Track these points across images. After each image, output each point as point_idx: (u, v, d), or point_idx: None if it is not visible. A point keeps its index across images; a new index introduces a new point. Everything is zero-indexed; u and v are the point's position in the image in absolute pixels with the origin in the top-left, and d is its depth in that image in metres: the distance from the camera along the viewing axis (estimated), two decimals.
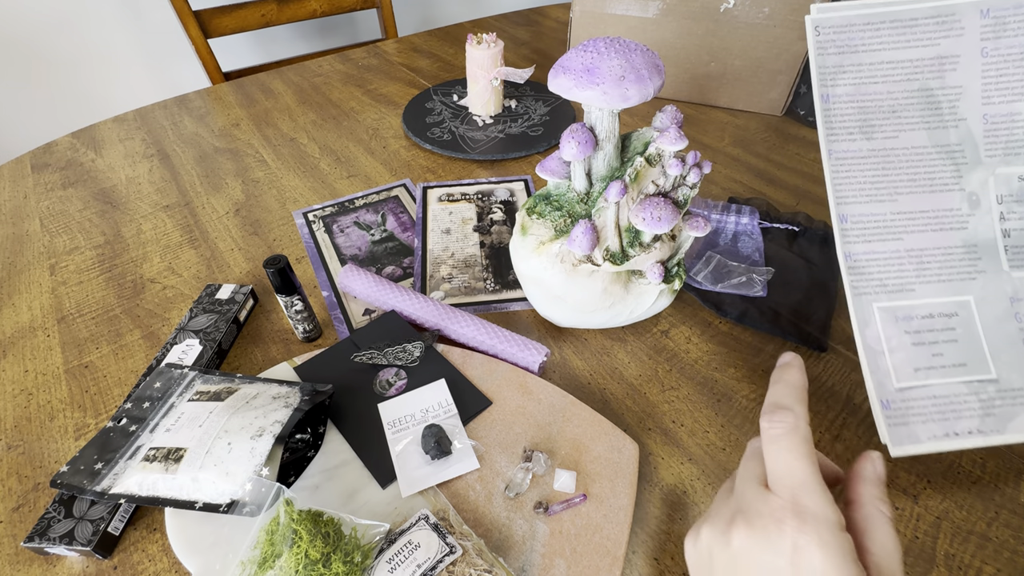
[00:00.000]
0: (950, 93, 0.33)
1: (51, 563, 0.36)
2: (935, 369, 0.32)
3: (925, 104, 0.33)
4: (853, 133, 0.33)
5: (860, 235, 0.33)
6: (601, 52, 0.38)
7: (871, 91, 0.33)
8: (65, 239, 0.62)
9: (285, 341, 0.49)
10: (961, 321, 0.33)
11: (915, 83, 0.33)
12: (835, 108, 0.32)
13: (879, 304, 0.33)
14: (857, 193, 0.33)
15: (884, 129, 0.33)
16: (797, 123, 0.81)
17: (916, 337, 0.33)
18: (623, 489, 0.37)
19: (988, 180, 0.33)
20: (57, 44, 1.21)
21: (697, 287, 0.53)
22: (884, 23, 0.32)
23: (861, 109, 0.32)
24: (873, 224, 0.33)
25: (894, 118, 0.33)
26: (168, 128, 0.83)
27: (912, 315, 0.33)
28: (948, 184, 0.33)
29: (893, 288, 0.33)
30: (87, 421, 0.44)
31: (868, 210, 0.33)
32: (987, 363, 0.33)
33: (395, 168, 0.72)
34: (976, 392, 0.32)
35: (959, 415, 0.32)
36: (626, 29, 0.83)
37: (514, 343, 0.46)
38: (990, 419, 0.32)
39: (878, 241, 0.33)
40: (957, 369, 0.32)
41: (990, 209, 0.34)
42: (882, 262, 0.33)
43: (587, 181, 0.42)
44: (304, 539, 0.30)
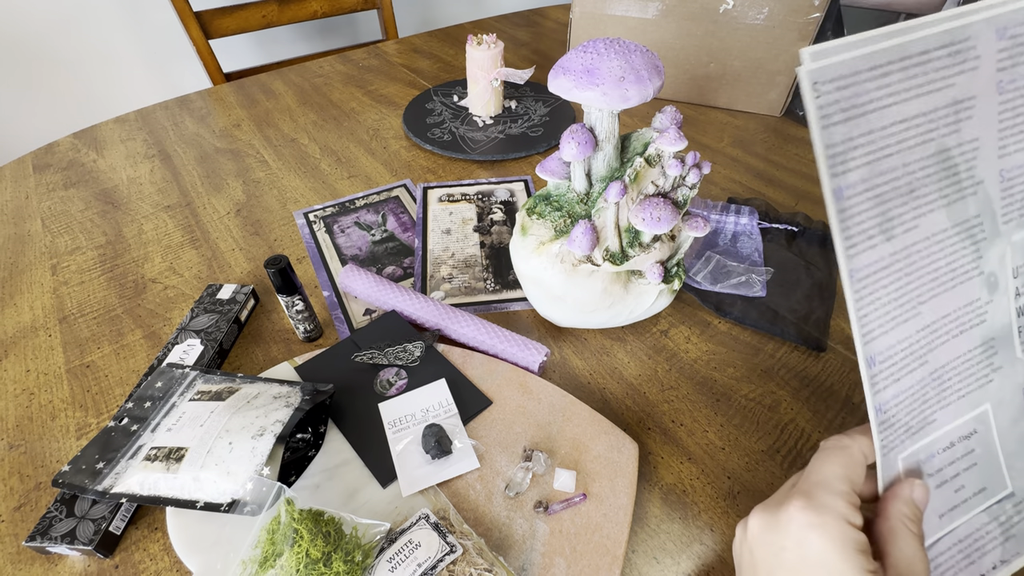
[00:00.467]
0: (967, 151, 0.29)
1: (53, 562, 0.36)
2: (958, 508, 0.29)
3: (943, 172, 0.28)
4: (873, 236, 0.27)
5: (890, 375, 0.28)
6: (601, 53, 0.38)
7: (886, 168, 0.27)
8: (67, 239, 0.62)
9: (286, 341, 0.50)
10: (979, 439, 0.30)
11: (931, 145, 0.28)
12: (851, 205, 0.26)
13: (904, 455, 0.28)
14: (883, 320, 0.27)
15: (904, 219, 0.28)
16: (796, 124, 0.81)
17: (938, 478, 0.29)
18: (623, 488, 0.37)
19: (1005, 253, 0.30)
20: (58, 45, 1.21)
21: (696, 287, 0.53)
22: (892, 64, 0.27)
23: (878, 199, 0.27)
24: (900, 356, 0.28)
25: (912, 201, 0.28)
26: (169, 128, 0.83)
27: (933, 452, 0.29)
28: (968, 271, 0.29)
29: (916, 428, 0.29)
30: (88, 421, 0.44)
31: (895, 339, 0.28)
32: (1004, 477, 0.30)
33: (395, 168, 0.72)
34: (996, 517, 0.30)
35: (983, 552, 0.29)
36: (626, 30, 0.83)
37: (514, 343, 0.46)
38: (1011, 543, 0.29)
39: (906, 375, 0.28)
40: (978, 497, 0.29)
41: (1007, 288, 0.30)
42: (908, 402, 0.28)
43: (587, 182, 0.42)
44: (305, 538, 0.30)
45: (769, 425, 0.43)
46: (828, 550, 0.24)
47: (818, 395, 0.45)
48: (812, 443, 0.41)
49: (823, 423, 0.43)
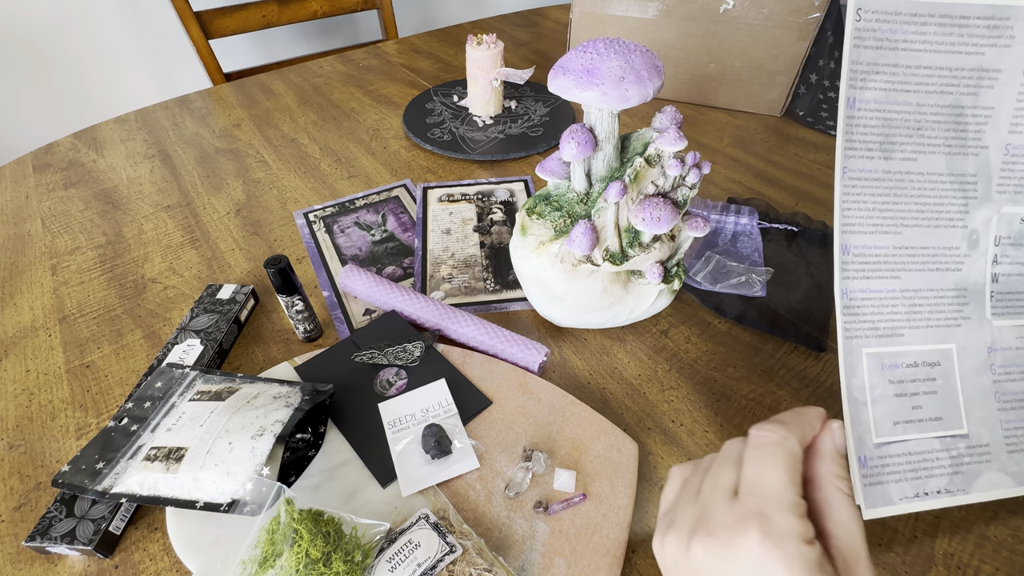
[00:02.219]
0: (980, 115, 0.31)
1: (52, 562, 0.36)
2: (913, 423, 0.31)
3: (952, 124, 0.31)
4: (872, 150, 0.30)
5: (860, 270, 0.31)
6: (601, 53, 0.38)
7: (900, 101, 0.30)
8: (66, 239, 0.62)
9: (286, 341, 0.50)
10: (942, 371, 0.32)
11: (948, 97, 0.30)
12: (859, 116, 0.30)
13: (868, 350, 0.31)
14: (864, 221, 0.31)
15: (904, 149, 0.31)
16: (796, 124, 0.81)
17: (899, 387, 0.31)
18: (623, 488, 0.37)
19: (992, 219, 0.32)
20: (59, 45, 1.21)
21: (696, 287, 0.53)
22: (933, 17, 0.29)
23: (886, 122, 0.30)
24: (874, 258, 0.31)
25: (917, 136, 0.31)
26: (169, 129, 0.83)
27: (898, 363, 0.31)
28: (953, 220, 0.32)
29: (884, 332, 0.31)
30: (88, 421, 0.44)
31: (872, 242, 0.31)
32: (960, 417, 0.32)
33: (395, 168, 0.72)
34: (948, 448, 0.31)
35: (930, 473, 0.31)
36: (626, 30, 0.83)
37: (514, 343, 0.46)
38: (957, 477, 0.31)
39: (876, 278, 0.31)
40: (933, 423, 0.31)
41: (986, 250, 0.32)
42: (876, 303, 0.31)
43: (587, 182, 0.42)
44: (305, 538, 0.30)
45: None
46: None
47: (818, 395, 0.45)
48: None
49: None
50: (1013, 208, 0.32)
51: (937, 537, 0.36)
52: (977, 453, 0.32)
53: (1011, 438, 0.32)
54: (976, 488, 0.31)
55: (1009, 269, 0.33)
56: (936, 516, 0.37)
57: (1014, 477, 0.32)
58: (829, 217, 0.62)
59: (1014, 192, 0.32)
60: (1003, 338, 0.33)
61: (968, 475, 0.31)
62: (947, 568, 0.34)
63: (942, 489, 0.31)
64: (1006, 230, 0.33)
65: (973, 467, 0.32)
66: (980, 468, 0.32)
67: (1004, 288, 0.33)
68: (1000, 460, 0.32)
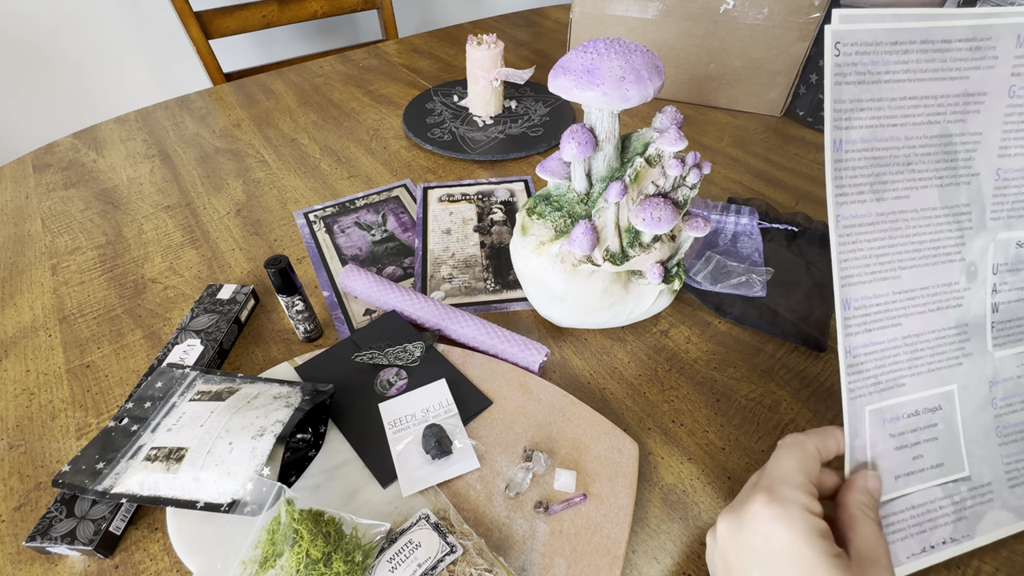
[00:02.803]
0: (968, 141, 0.30)
1: (53, 562, 0.36)
2: (915, 474, 0.30)
3: (942, 155, 0.30)
4: (864, 192, 0.29)
5: (862, 323, 0.29)
6: (601, 53, 0.38)
7: (888, 136, 0.29)
8: (67, 239, 0.62)
9: (286, 341, 0.50)
10: (943, 415, 0.31)
11: (935, 127, 0.29)
12: (848, 159, 0.28)
13: (871, 407, 0.30)
14: (862, 271, 0.29)
15: (896, 187, 0.29)
16: (796, 124, 0.81)
17: (899, 440, 0.30)
18: (623, 488, 0.37)
19: (988, 247, 0.31)
20: (59, 45, 1.21)
21: (697, 287, 0.53)
22: (914, 44, 0.28)
23: (875, 160, 0.29)
24: (875, 309, 0.30)
25: (908, 172, 0.29)
26: (169, 129, 0.83)
27: (899, 415, 0.30)
28: (951, 254, 0.31)
29: (886, 385, 0.30)
30: (88, 421, 0.44)
31: (872, 291, 0.29)
32: (962, 460, 0.31)
33: (395, 168, 0.72)
34: (950, 495, 0.31)
35: (935, 525, 0.30)
36: (626, 30, 0.83)
37: (514, 343, 0.46)
38: (962, 523, 0.31)
39: (878, 329, 0.30)
40: (935, 471, 0.30)
41: (985, 281, 0.31)
42: (879, 356, 0.30)
43: (587, 182, 0.42)
44: (305, 538, 0.30)
45: (769, 425, 0.43)
46: (794, 540, 0.25)
47: (818, 395, 0.45)
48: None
49: (823, 423, 0.43)
50: (1008, 233, 0.32)
51: None
52: (979, 494, 0.31)
53: (1012, 472, 0.32)
54: (980, 531, 0.31)
55: (1008, 296, 0.32)
56: None
57: (1016, 512, 0.32)
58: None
59: (1008, 217, 0.31)
60: (1004, 369, 0.32)
61: (971, 519, 0.31)
62: (947, 568, 0.34)
63: (947, 539, 0.30)
64: (1003, 257, 0.32)
65: (976, 509, 0.31)
66: (983, 509, 0.31)
67: (1004, 316, 0.32)
68: (1002, 497, 0.31)
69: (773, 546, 0.25)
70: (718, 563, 0.29)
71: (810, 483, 0.27)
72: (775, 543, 0.25)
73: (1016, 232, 0.32)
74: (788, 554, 0.25)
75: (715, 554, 0.29)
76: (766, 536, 0.26)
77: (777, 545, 0.25)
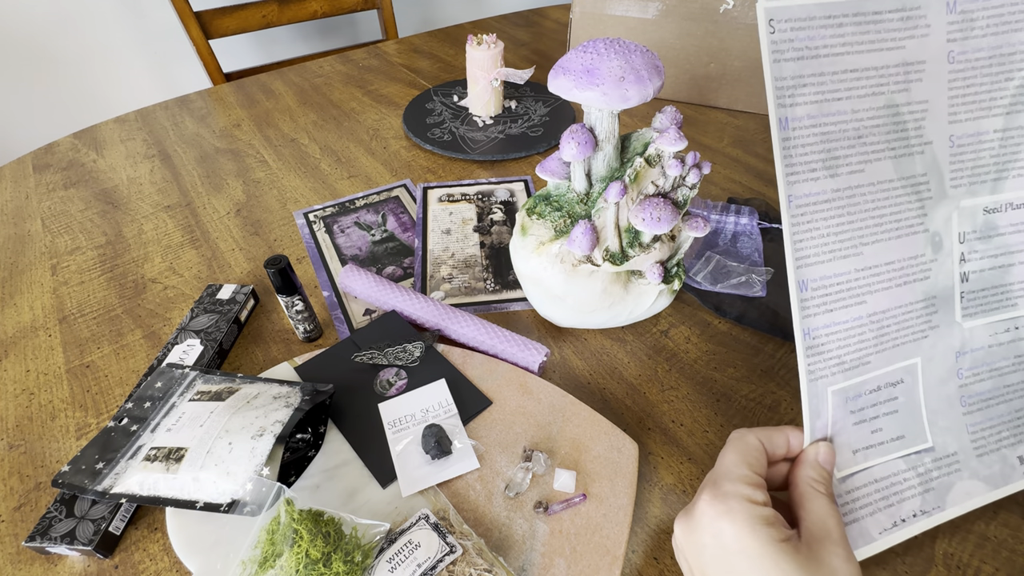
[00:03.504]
0: (916, 110, 0.30)
1: (52, 562, 0.36)
2: (873, 447, 0.30)
3: (891, 126, 0.29)
4: (816, 170, 0.28)
5: (822, 304, 0.29)
6: (601, 53, 0.38)
7: (835, 111, 0.28)
8: (66, 239, 0.62)
9: (286, 341, 0.50)
10: (904, 388, 0.30)
11: (881, 98, 0.29)
12: (795, 136, 0.28)
13: (834, 387, 0.29)
14: (819, 250, 0.28)
15: (849, 161, 0.29)
16: None
17: (859, 416, 0.30)
18: (623, 489, 0.37)
19: (952, 216, 0.31)
20: (59, 45, 1.21)
21: (696, 287, 0.53)
22: (847, 17, 0.28)
23: (824, 136, 0.28)
24: (836, 288, 0.29)
25: (860, 146, 0.29)
26: (169, 129, 0.83)
27: (861, 392, 0.30)
28: (913, 226, 0.30)
29: (851, 364, 0.29)
30: (88, 421, 0.44)
31: (831, 271, 0.29)
32: (924, 431, 0.31)
33: (395, 168, 0.72)
34: (914, 466, 0.30)
35: (902, 497, 0.30)
36: (626, 30, 0.83)
37: (514, 343, 0.46)
38: (930, 495, 0.30)
39: (840, 309, 0.29)
40: (895, 443, 0.30)
41: (951, 251, 0.31)
42: (842, 335, 0.29)
43: (587, 182, 0.42)
44: (305, 539, 0.30)
45: (769, 425, 0.43)
46: (739, 533, 0.25)
47: None
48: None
49: None
50: (972, 200, 0.31)
51: (937, 537, 0.36)
52: (945, 464, 0.31)
53: (979, 441, 0.32)
54: (951, 502, 0.31)
55: (979, 265, 0.31)
56: None
57: (987, 481, 0.31)
58: None
59: (969, 184, 0.31)
60: (974, 339, 0.32)
61: (940, 490, 0.31)
62: (947, 568, 0.34)
63: (917, 511, 0.30)
64: (969, 224, 0.31)
65: (943, 480, 0.31)
66: (951, 480, 0.31)
67: (975, 286, 0.32)
68: (970, 467, 0.31)
69: (722, 542, 0.26)
70: (683, 565, 0.30)
71: (753, 473, 0.27)
72: (723, 538, 0.26)
73: (980, 198, 0.31)
74: (736, 548, 0.25)
75: (679, 557, 0.30)
76: (714, 533, 0.26)
77: (725, 540, 0.26)
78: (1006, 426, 0.32)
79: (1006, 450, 0.32)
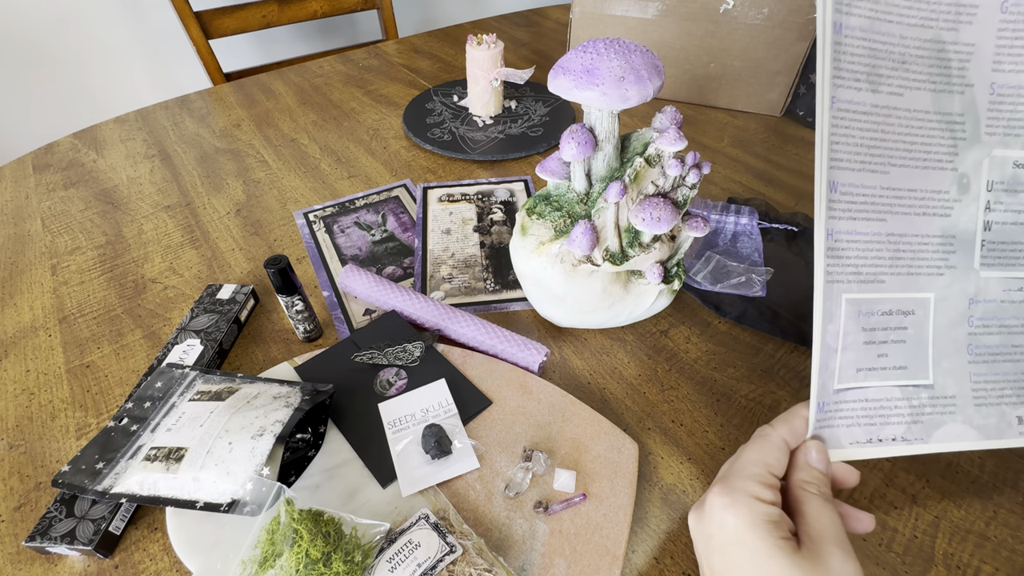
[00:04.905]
0: (961, 51, 0.30)
1: (52, 562, 0.36)
2: (875, 371, 0.31)
3: (935, 60, 0.30)
4: (860, 80, 0.29)
5: (847, 210, 0.30)
6: (601, 53, 0.38)
7: (884, 31, 0.29)
8: (66, 239, 0.62)
9: (286, 341, 0.50)
10: (915, 320, 0.31)
11: (929, 31, 0.29)
12: (846, 43, 0.28)
13: (848, 295, 0.30)
14: (852, 157, 0.29)
15: (891, 82, 0.29)
16: (796, 124, 0.81)
17: (870, 335, 0.31)
18: (623, 488, 0.37)
19: (983, 162, 0.31)
20: (59, 45, 1.21)
21: (696, 287, 0.53)
22: None
23: (872, 52, 0.29)
24: (862, 198, 0.30)
25: (903, 71, 0.29)
26: (169, 128, 0.83)
27: (874, 310, 0.30)
28: (942, 161, 0.31)
29: (866, 277, 0.30)
30: (88, 421, 0.44)
31: (860, 180, 0.30)
32: (927, 368, 0.31)
33: (395, 168, 0.72)
34: (908, 398, 0.31)
35: (887, 420, 0.31)
36: (626, 30, 0.83)
37: (514, 343, 0.46)
38: (917, 426, 0.31)
39: (863, 220, 0.30)
40: (896, 372, 0.31)
41: (978, 196, 0.31)
42: (861, 246, 0.30)
43: (587, 182, 0.42)
44: (305, 538, 0.30)
45: None
46: (741, 527, 0.26)
47: None
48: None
49: None
50: (1004, 151, 0.31)
51: (937, 537, 0.36)
52: (940, 404, 0.31)
53: (980, 391, 0.32)
54: (937, 439, 0.31)
55: (1003, 217, 0.32)
56: (936, 516, 0.37)
57: (980, 430, 0.32)
58: None
59: (1004, 134, 0.31)
60: (988, 290, 0.32)
61: (928, 425, 0.31)
62: (947, 568, 0.34)
63: (898, 437, 0.31)
64: (998, 175, 0.31)
65: (935, 417, 0.31)
66: (943, 419, 0.31)
67: (997, 237, 0.32)
68: (966, 412, 0.31)
69: (725, 534, 0.27)
70: (697, 556, 0.31)
71: (767, 473, 0.28)
72: (726, 530, 0.27)
73: (1012, 151, 0.31)
74: (736, 540, 0.26)
75: (695, 546, 0.31)
76: (719, 525, 0.27)
77: (728, 533, 0.27)
78: (1010, 384, 0.32)
79: (1006, 407, 0.32)
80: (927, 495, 0.38)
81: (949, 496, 0.38)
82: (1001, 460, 0.39)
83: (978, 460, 0.39)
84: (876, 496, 0.38)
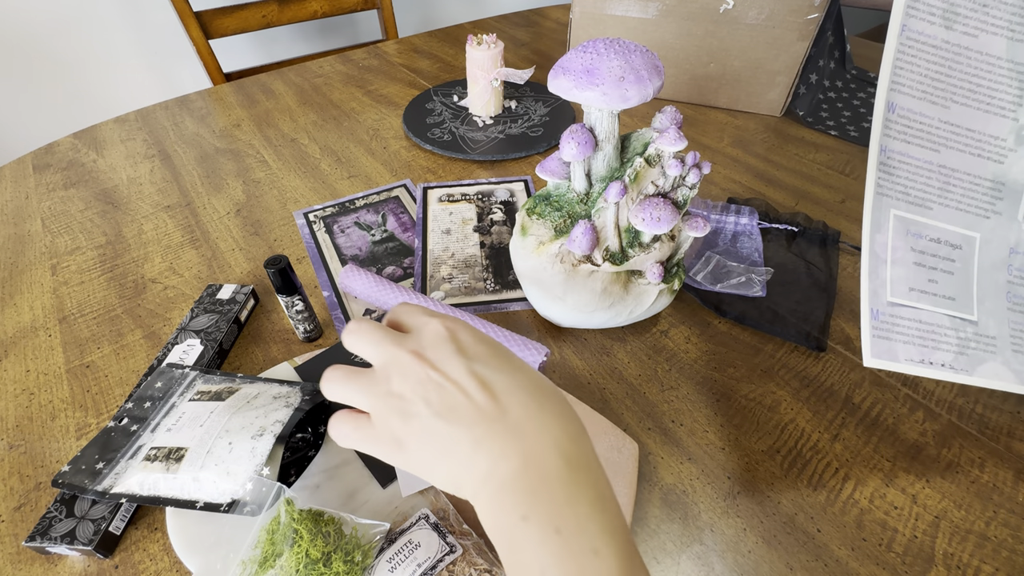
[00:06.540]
0: None
1: (52, 562, 0.36)
2: (927, 295, 0.32)
3: (1019, 9, 0.30)
4: (935, 15, 0.29)
5: (902, 132, 0.31)
6: (601, 53, 0.38)
7: None
8: (66, 239, 0.62)
9: (286, 341, 0.50)
10: (962, 255, 0.32)
11: None
12: None
13: (896, 211, 0.31)
14: (914, 85, 0.30)
15: (967, 22, 0.30)
16: (796, 124, 0.81)
17: (919, 257, 0.32)
18: (623, 488, 0.37)
19: None
20: (59, 45, 1.21)
21: (696, 287, 0.53)
22: None
23: None
24: (918, 125, 0.31)
25: (982, 12, 0.30)
26: (169, 128, 0.83)
27: (922, 234, 0.32)
28: (1004, 109, 0.31)
29: (914, 200, 0.31)
30: (88, 421, 0.44)
31: (919, 108, 0.30)
32: (972, 304, 0.32)
33: (395, 168, 0.72)
34: (956, 329, 0.32)
35: (937, 345, 0.32)
36: (626, 30, 0.83)
37: (514, 343, 0.46)
38: (963, 358, 0.32)
39: (917, 145, 0.31)
40: (946, 301, 0.32)
41: None
42: (912, 168, 0.31)
43: (587, 182, 0.42)
44: (305, 538, 0.30)
45: (769, 425, 0.43)
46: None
47: (818, 395, 0.45)
48: (812, 443, 0.41)
49: (823, 423, 0.43)
50: None
51: (937, 537, 0.36)
52: (984, 342, 0.32)
53: (1017, 338, 0.33)
54: (980, 373, 0.32)
55: None
56: (936, 516, 0.37)
57: (1017, 375, 0.32)
58: (829, 217, 0.62)
59: None
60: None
61: (973, 359, 0.32)
62: (947, 568, 0.34)
63: (947, 364, 0.32)
64: None
65: (978, 353, 0.32)
66: (985, 356, 0.32)
67: None
68: (1004, 355, 0.32)
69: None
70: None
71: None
72: None
73: None
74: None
75: None
76: None
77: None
78: None
79: None
80: (927, 495, 0.38)
81: (949, 496, 0.38)
82: (1001, 460, 0.39)
83: (978, 460, 0.39)
84: (876, 496, 0.38)
